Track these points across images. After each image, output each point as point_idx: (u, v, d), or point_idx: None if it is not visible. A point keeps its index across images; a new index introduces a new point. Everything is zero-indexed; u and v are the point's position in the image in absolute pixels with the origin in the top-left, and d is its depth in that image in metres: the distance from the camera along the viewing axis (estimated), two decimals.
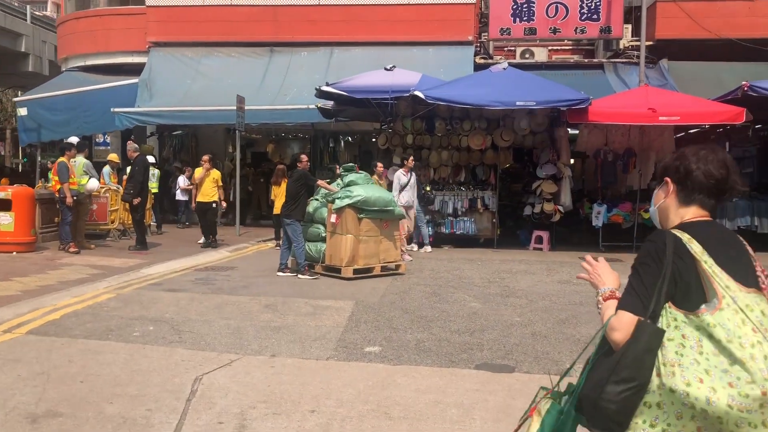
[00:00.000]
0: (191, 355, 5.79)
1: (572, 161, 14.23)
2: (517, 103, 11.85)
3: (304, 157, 9.96)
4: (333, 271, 9.75)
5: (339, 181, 10.13)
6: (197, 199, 13.12)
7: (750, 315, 1.78)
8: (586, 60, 20.03)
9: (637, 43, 17.06)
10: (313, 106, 14.76)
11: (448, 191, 13.29)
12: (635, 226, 12.89)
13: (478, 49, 19.01)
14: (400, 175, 11.97)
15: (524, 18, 17.88)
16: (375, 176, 11.58)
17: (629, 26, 18.27)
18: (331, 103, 14.11)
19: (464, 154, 13.45)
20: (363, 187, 9.64)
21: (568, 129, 13.26)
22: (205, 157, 13.07)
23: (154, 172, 15.06)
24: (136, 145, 12.49)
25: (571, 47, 22.12)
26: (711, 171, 2.01)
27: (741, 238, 2.08)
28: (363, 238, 9.53)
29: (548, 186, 12.79)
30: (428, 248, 12.57)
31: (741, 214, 12.67)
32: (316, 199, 10.22)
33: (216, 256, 11.86)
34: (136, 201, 11.97)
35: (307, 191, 9.84)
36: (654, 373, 1.82)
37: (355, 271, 9.48)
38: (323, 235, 10.00)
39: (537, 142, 13.39)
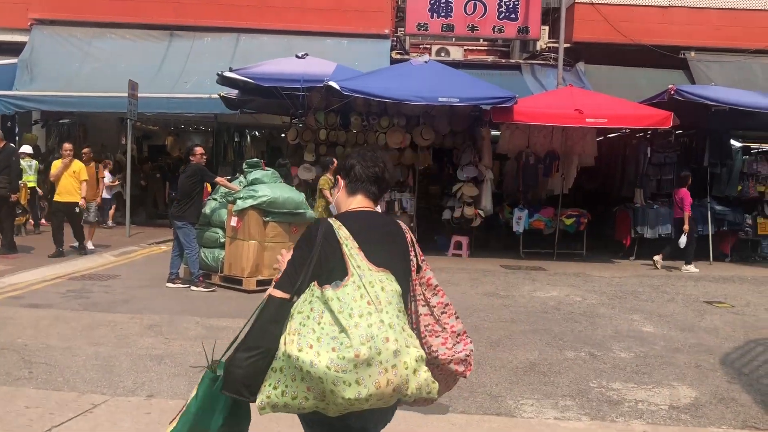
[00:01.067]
0: (42, 399, 4.51)
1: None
2: (440, 99, 11.00)
3: (198, 149, 8.61)
4: (233, 283, 8.51)
5: (241, 178, 8.89)
6: (54, 199, 10.86)
7: (370, 290, 2.02)
8: (503, 60, 19.61)
9: (555, 44, 16.75)
10: (215, 96, 13.38)
11: None
12: (557, 232, 12.36)
13: (395, 43, 18.15)
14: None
15: (442, 14, 17.19)
16: (329, 174, 10.45)
17: (546, 27, 17.95)
18: (236, 92, 12.79)
19: (381, 152, 12.47)
20: (270, 187, 8.44)
21: (491, 129, 12.57)
22: (86, 150, 11.47)
23: (31, 164, 13.23)
24: (1, 133, 10.69)
25: (486, 48, 21.74)
26: (369, 167, 2.35)
27: (401, 227, 2.36)
28: (269, 244, 8.35)
29: (469, 189, 12.03)
30: None
31: (662, 222, 12.36)
32: (215, 199, 8.94)
33: (98, 262, 10.35)
34: (14, 197, 10.35)
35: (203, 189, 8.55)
36: (282, 341, 2.00)
37: (259, 283, 8.28)
38: (222, 240, 8.73)
39: (458, 142, 12.62)
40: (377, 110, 12.42)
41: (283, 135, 15.56)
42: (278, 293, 2.12)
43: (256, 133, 20.18)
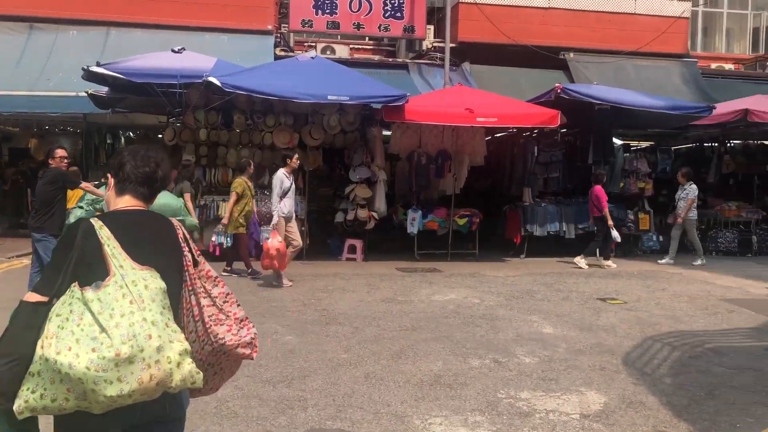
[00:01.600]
0: None
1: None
2: (329, 97, 10.50)
3: (58, 152, 7.58)
4: None
5: None
6: None
7: (133, 289, 2.04)
8: (390, 59, 19.40)
9: (441, 44, 16.73)
10: (83, 94, 12.20)
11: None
12: (450, 232, 12.20)
13: (279, 40, 17.48)
14: (282, 177, 9.27)
15: (327, 11, 16.74)
16: (245, 177, 9.77)
17: (432, 27, 17.93)
18: (106, 89, 11.71)
19: (268, 153, 11.84)
20: None
21: (382, 129, 12.23)
22: None
23: None
24: None
25: (372, 47, 21.47)
26: (139, 166, 2.33)
27: (171, 224, 2.36)
28: None
29: (362, 190, 11.62)
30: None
31: (550, 219, 12.51)
32: (80, 207, 7.99)
33: None
34: None
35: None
36: (39, 345, 1.97)
37: None
38: None
39: (349, 142, 12.19)
40: (262, 108, 11.77)
41: (160, 136, 14.50)
42: (33, 297, 2.07)
43: (131, 134, 18.81)
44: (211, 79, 10.08)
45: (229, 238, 9.96)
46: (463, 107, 11.02)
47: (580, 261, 11.45)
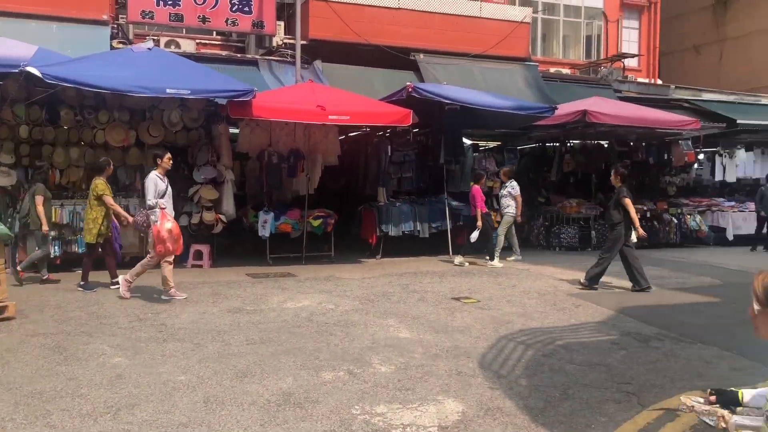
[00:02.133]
0: None
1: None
2: (168, 91, 9.67)
3: None
4: None
5: None
6: None
7: None
8: (239, 55, 18.58)
9: (291, 41, 16.23)
10: None
11: (80, 200, 10.43)
12: (304, 234, 11.76)
13: (116, 32, 16.13)
14: (156, 179, 8.40)
15: (169, 2, 15.65)
16: (103, 177, 8.79)
17: (282, 23, 17.37)
18: None
19: (101, 151, 10.75)
20: None
21: (229, 126, 11.54)
22: None
23: None
24: None
25: (221, 42, 20.50)
26: None
27: None
28: None
29: (208, 192, 10.88)
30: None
31: (405, 219, 12.43)
32: None
33: None
34: None
35: None
36: None
37: None
38: None
39: (192, 140, 11.37)
40: (94, 103, 10.68)
41: None
42: None
43: None
44: (31, 69, 8.96)
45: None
46: (315, 104, 10.62)
47: (494, 263, 11.51)
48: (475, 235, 11.53)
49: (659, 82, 22.90)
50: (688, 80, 23.91)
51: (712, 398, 2.73)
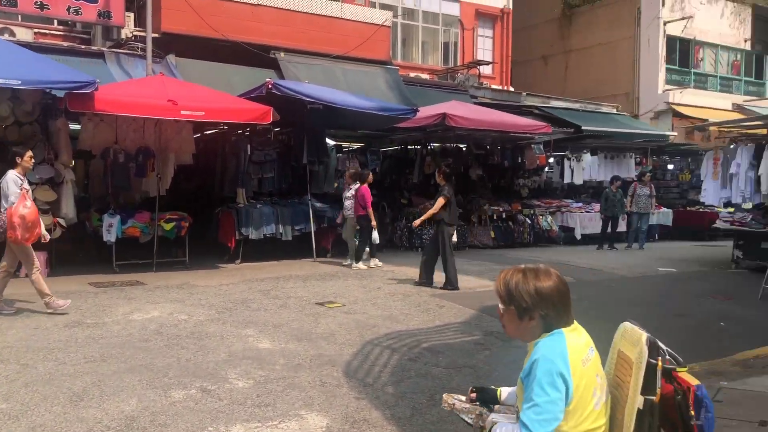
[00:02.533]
0: None
1: (73, 162, 11.36)
2: None
3: None
4: None
5: None
6: None
7: None
8: (83, 47, 17.15)
9: (142, 34, 15.19)
10: None
11: None
12: (155, 239, 10.93)
13: None
14: (16, 179, 7.35)
15: None
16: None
17: (132, 15, 16.23)
18: None
19: None
20: None
21: (70, 122, 10.49)
22: None
23: None
24: None
25: (63, 32, 18.84)
26: None
27: None
28: None
29: (44, 193, 9.79)
30: None
31: (266, 221, 11.92)
32: None
33: None
34: None
35: None
36: None
37: None
38: None
39: (26, 135, 10.18)
40: None
41: None
42: None
43: None
44: None
45: None
46: (166, 98, 9.87)
47: (359, 265, 11.31)
48: (376, 236, 11.31)
49: (512, 89, 23.90)
50: (538, 88, 25.23)
51: (473, 395, 2.73)
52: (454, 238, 9.99)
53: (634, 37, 26.79)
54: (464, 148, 16.35)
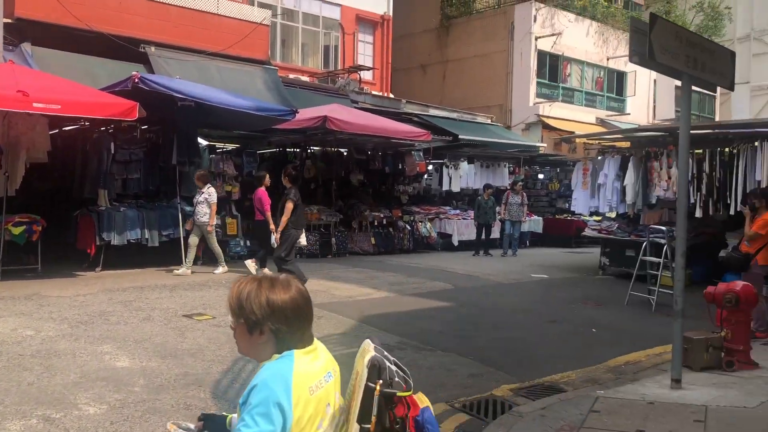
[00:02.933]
0: None
1: None
2: None
3: None
4: None
5: None
6: None
7: None
8: None
9: None
10: None
11: None
12: (2, 244, 9.80)
13: None
14: None
15: None
16: None
17: None
18: None
19: None
20: None
21: None
22: None
23: None
24: None
25: None
26: None
27: None
28: None
29: None
30: None
31: (131, 226, 11.04)
32: None
33: None
34: None
35: None
36: None
37: None
38: None
39: None
40: None
41: None
42: None
43: None
44: None
45: None
46: (15, 89, 8.85)
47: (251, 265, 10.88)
48: (274, 240, 10.79)
49: (392, 96, 23.99)
50: (417, 96, 25.49)
51: (200, 424, 2.48)
52: (303, 241, 9.69)
53: (507, 51, 27.69)
54: (345, 153, 16.09)
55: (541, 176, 21.52)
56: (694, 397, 5.20)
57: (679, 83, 5.45)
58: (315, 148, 16.10)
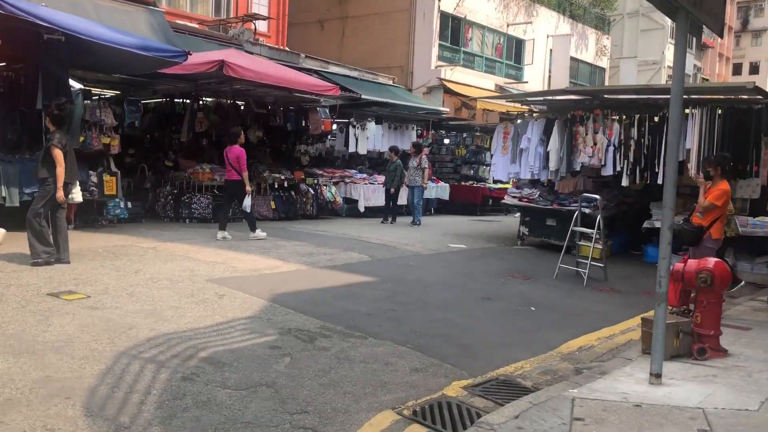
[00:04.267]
0: None
1: None
2: None
3: None
4: None
5: None
6: None
7: None
8: None
9: None
10: None
11: None
12: None
13: None
14: None
15: None
16: None
17: None
18: None
19: None
20: None
21: None
22: None
23: None
24: None
25: None
26: None
27: None
28: None
29: None
30: None
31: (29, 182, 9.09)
32: None
33: None
34: None
35: None
36: None
37: None
38: None
39: None
40: None
41: None
42: None
43: None
44: None
45: None
46: None
47: (256, 234, 10.18)
48: (248, 203, 10.05)
49: (287, 49, 22.33)
50: (314, 53, 23.97)
51: None
52: (78, 197, 8.26)
53: (410, 10, 26.70)
54: (243, 107, 14.43)
55: (446, 141, 20.74)
56: (682, 396, 4.43)
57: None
58: (208, 99, 14.36)
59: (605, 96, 11.30)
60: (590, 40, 34.61)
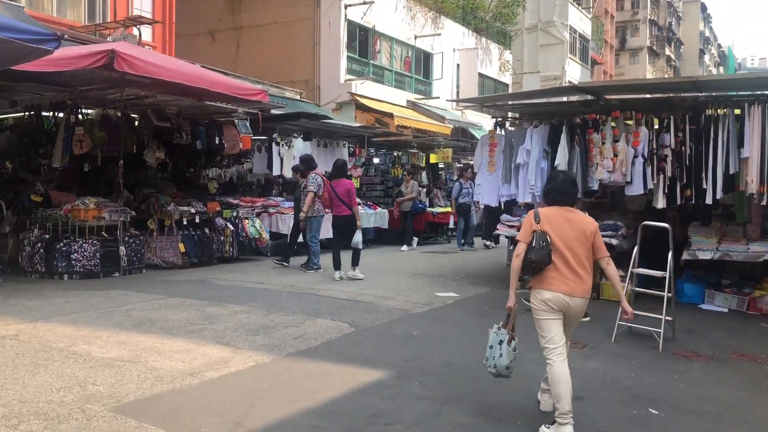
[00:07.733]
0: None
1: None
2: None
3: None
4: None
5: None
6: None
7: None
8: None
9: None
10: None
11: None
12: None
13: None
14: None
15: None
16: None
17: None
18: None
19: None
20: None
21: None
22: None
23: None
24: None
25: None
26: None
27: None
28: None
29: None
30: None
31: None
32: None
33: None
34: None
35: None
36: None
37: None
38: None
39: None
40: None
41: None
42: None
43: None
44: None
45: None
46: None
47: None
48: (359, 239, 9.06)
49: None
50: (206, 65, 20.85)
51: None
52: None
53: (314, 19, 24.18)
54: (138, 120, 10.96)
55: (376, 160, 18.02)
56: None
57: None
58: (89, 111, 10.85)
59: (606, 96, 9.05)
60: (494, 55, 33.47)
